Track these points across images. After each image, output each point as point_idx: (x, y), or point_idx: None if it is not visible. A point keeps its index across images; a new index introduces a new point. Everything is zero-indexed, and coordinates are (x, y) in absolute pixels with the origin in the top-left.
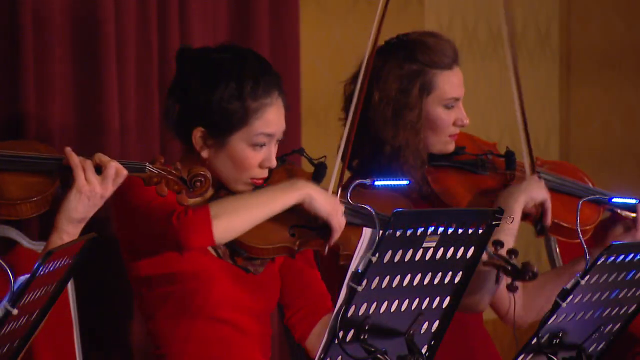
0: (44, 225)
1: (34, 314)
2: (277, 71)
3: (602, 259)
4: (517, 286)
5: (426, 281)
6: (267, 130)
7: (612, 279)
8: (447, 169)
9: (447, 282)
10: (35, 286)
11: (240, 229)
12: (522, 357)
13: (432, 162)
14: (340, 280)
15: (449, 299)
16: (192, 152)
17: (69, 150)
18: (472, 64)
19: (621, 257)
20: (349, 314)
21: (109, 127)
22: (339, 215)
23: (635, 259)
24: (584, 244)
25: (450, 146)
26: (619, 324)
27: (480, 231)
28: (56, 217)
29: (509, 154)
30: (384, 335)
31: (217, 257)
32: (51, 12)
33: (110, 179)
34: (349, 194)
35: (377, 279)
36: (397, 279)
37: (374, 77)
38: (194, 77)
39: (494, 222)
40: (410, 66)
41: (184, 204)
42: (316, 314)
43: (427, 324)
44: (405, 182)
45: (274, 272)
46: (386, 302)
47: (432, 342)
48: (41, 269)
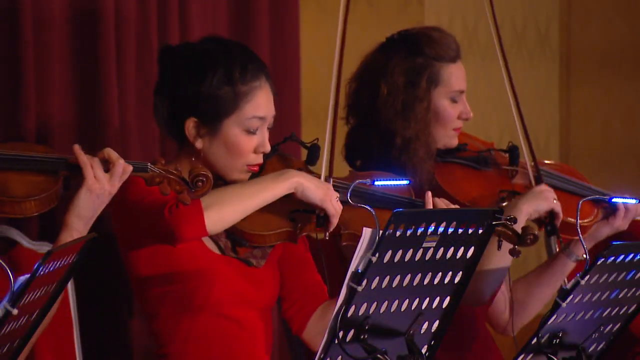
0: (44, 225)
1: (34, 314)
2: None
3: (602, 259)
4: (519, 251)
5: (426, 281)
6: (259, 113)
7: (612, 279)
8: (451, 164)
9: (447, 282)
10: (35, 286)
11: (232, 219)
12: (522, 357)
13: (437, 158)
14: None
15: (449, 299)
16: (186, 146)
17: (77, 148)
18: (472, 64)
19: (621, 257)
20: (349, 314)
21: (109, 127)
22: (333, 200)
23: (635, 259)
24: (584, 244)
25: (454, 140)
26: (619, 324)
27: (480, 231)
28: (66, 216)
29: (512, 148)
30: (384, 335)
31: (219, 252)
32: (51, 12)
33: (118, 176)
34: (349, 194)
35: (377, 279)
36: (397, 279)
37: (379, 72)
38: (181, 70)
39: (494, 222)
40: (416, 59)
41: (187, 204)
42: (312, 304)
43: (427, 324)
44: (405, 181)
45: (274, 265)
46: (386, 302)
47: (432, 342)
48: (41, 269)
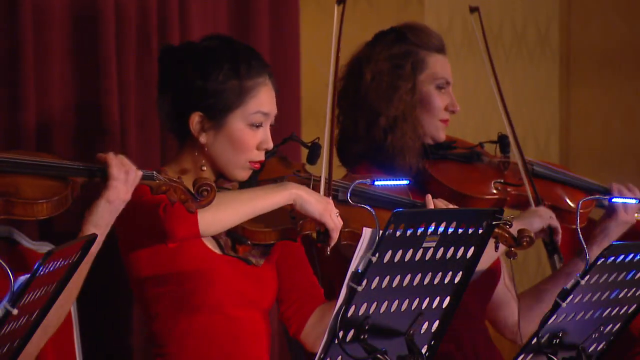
0: (43, 225)
1: (34, 314)
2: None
3: (602, 259)
4: (515, 253)
5: (426, 281)
6: (263, 109)
7: (612, 279)
8: (444, 160)
9: (447, 282)
10: (35, 286)
11: (225, 223)
12: (522, 357)
13: (429, 155)
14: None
15: (449, 299)
16: (189, 141)
17: (112, 159)
18: (472, 64)
19: (621, 257)
20: (349, 314)
21: (109, 127)
22: (333, 214)
23: (635, 259)
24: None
25: (442, 133)
26: (619, 324)
27: (480, 231)
28: (83, 227)
29: (501, 138)
30: (384, 335)
31: (219, 251)
32: (51, 12)
33: (133, 186)
34: (349, 194)
35: (377, 279)
36: (397, 279)
37: (364, 61)
38: (185, 67)
39: (493, 222)
40: (400, 47)
41: (192, 212)
42: (309, 306)
43: (427, 324)
44: (405, 181)
45: (273, 265)
46: (386, 302)
47: (432, 342)
48: (41, 269)
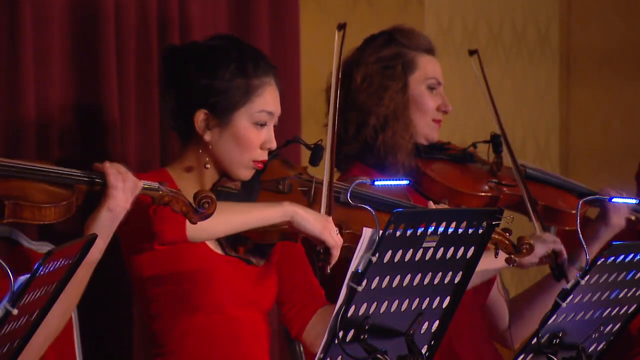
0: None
1: (34, 314)
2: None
3: (602, 259)
4: (515, 259)
5: (426, 281)
6: (268, 108)
7: (612, 279)
8: (438, 160)
9: (447, 282)
10: (35, 286)
11: (214, 232)
12: (522, 357)
13: (422, 155)
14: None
15: (449, 299)
16: (193, 140)
17: (108, 167)
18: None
19: (621, 257)
20: (349, 314)
21: (109, 127)
22: (332, 232)
23: (635, 259)
24: (584, 243)
25: (435, 133)
26: (619, 324)
27: (480, 231)
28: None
29: (494, 137)
30: (384, 335)
31: (221, 250)
32: (51, 12)
33: (133, 194)
34: (349, 194)
35: (377, 279)
36: (397, 279)
37: (354, 64)
38: (192, 65)
39: (494, 222)
40: (390, 49)
41: (194, 223)
42: (310, 307)
43: (427, 324)
44: (405, 182)
45: (273, 266)
46: (386, 302)
47: (432, 342)
48: (41, 269)
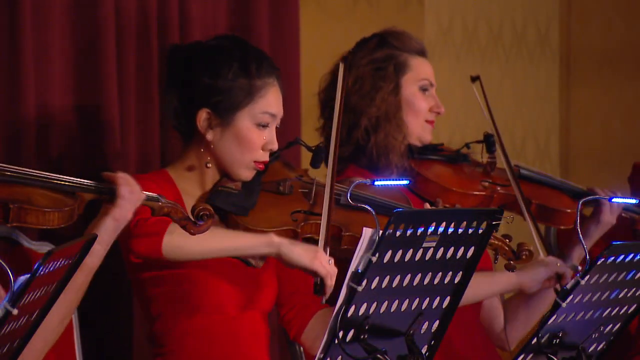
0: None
1: (34, 314)
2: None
3: (602, 259)
4: (515, 265)
5: (426, 281)
6: (270, 109)
7: (612, 279)
8: (431, 160)
9: (447, 282)
10: (35, 286)
11: (190, 253)
12: (522, 357)
13: (415, 155)
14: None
15: (449, 299)
16: (195, 139)
17: (120, 178)
18: (472, 64)
19: (621, 257)
20: (349, 314)
21: (109, 127)
22: (323, 261)
23: (635, 259)
24: (584, 243)
25: (428, 134)
26: (619, 324)
27: (480, 231)
28: None
29: (487, 137)
30: (384, 335)
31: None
32: (51, 12)
33: (136, 205)
34: (349, 194)
35: (377, 279)
36: (397, 279)
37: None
38: (195, 64)
39: (493, 222)
40: (382, 51)
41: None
42: (309, 309)
43: (427, 324)
44: (405, 182)
45: (273, 268)
46: (386, 302)
47: (432, 342)
48: (41, 269)
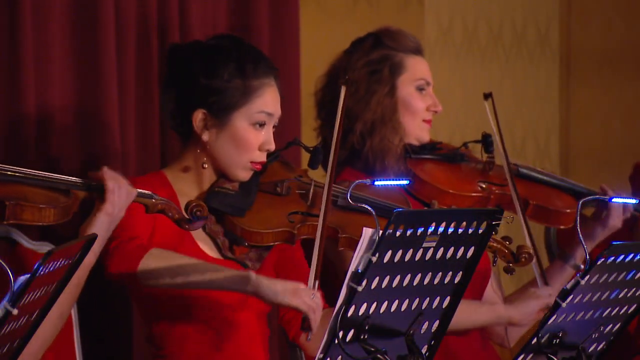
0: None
1: (34, 314)
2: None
3: (602, 259)
4: (514, 269)
5: (426, 281)
6: (267, 109)
7: (612, 279)
8: (428, 160)
9: (447, 282)
10: (35, 286)
11: (164, 279)
12: (522, 357)
13: (412, 155)
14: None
15: (449, 299)
16: (192, 139)
17: (106, 172)
18: (472, 64)
19: (621, 257)
20: (349, 314)
21: (109, 127)
22: (306, 297)
23: (635, 259)
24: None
25: (426, 133)
26: (619, 324)
27: (480, 231)
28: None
29: (485, 137)
30: (384, 335)
31: (216, 253)
32: (51, 12)
33: (127, 201)
34: (349, 194)
35: (377, 279)
36: (397, 279)
37: (341, 69)
38: (192, 64)
39: (493, 222)
40: (378, 52)
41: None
42: None
43: (427, 324)
44: (405, 182)
45: (270, 269)
46: (386, 302)
47: (432, 342)
48: (41, 269)
